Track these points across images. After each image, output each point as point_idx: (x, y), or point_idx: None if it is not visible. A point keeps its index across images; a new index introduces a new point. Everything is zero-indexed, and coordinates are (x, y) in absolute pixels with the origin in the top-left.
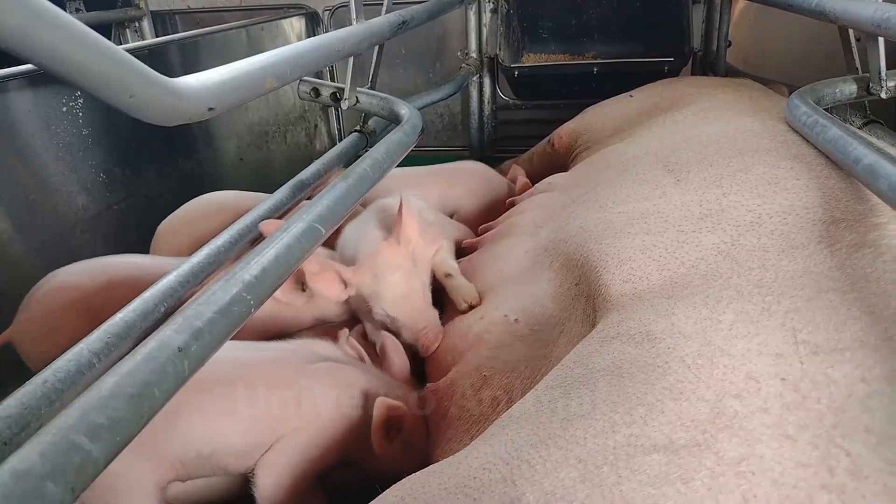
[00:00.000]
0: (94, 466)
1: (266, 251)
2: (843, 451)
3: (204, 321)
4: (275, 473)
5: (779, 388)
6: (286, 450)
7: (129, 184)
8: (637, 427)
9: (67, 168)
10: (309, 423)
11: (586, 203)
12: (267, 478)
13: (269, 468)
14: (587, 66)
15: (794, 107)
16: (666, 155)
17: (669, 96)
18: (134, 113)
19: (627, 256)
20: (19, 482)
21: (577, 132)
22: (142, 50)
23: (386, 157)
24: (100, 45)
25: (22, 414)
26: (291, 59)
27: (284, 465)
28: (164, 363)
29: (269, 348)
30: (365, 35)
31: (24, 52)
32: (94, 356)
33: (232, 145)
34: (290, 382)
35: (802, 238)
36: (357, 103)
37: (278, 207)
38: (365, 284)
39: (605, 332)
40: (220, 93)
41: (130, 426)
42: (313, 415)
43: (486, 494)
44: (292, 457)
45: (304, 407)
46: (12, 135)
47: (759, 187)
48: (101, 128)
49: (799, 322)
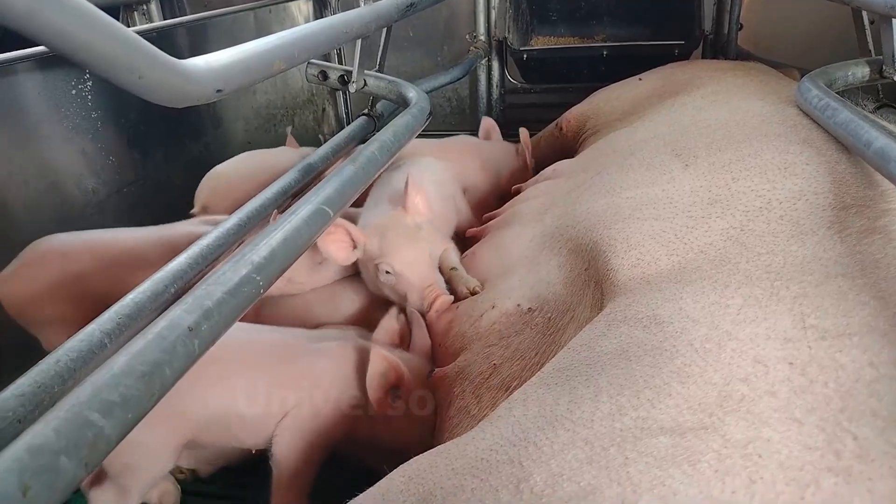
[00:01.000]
0: (107, 442)
1: (275, 233)
2: (849, 434)
3: (214, 301)
4: (286, 437)
5: (786, 373)
6: (297, 415)
7: (138, 167)
8: (644, 410)
9: (77, 151)
10: (315, 395)
11: (594, 187)
12: (280, 441)
13: (282, 432)
14: (597, 49)
15: (806, 90)
16: (674, 139)
17: (679, 80)
18: (142, 94)
19: (636, 241)
20: (35, 457)
21: (585, 116)
22: (150, 32)
23: (394, 141)
24: (108, 26)
25: (35, 392)
26: (299, 41)
27: (296, 429)
28: (174, 342)
29: (278, 330)
30: (372, 17)
31: (32, 32)
32: (105, 336)
33: (240, 129)
34: (297, 357)
35: (812, 223)
36: (365, 86)
37: (286, 190)
38: (373, 244)
39: (613, 316)
40: (227, 75)
41: (142, 403)
42: (318, 387)
43: (494, 475)
44: (304, 422)
45: (309, 380)
46: (22, 117)
47: (769, 172)
48: (111, 111)
49: (807, 307)
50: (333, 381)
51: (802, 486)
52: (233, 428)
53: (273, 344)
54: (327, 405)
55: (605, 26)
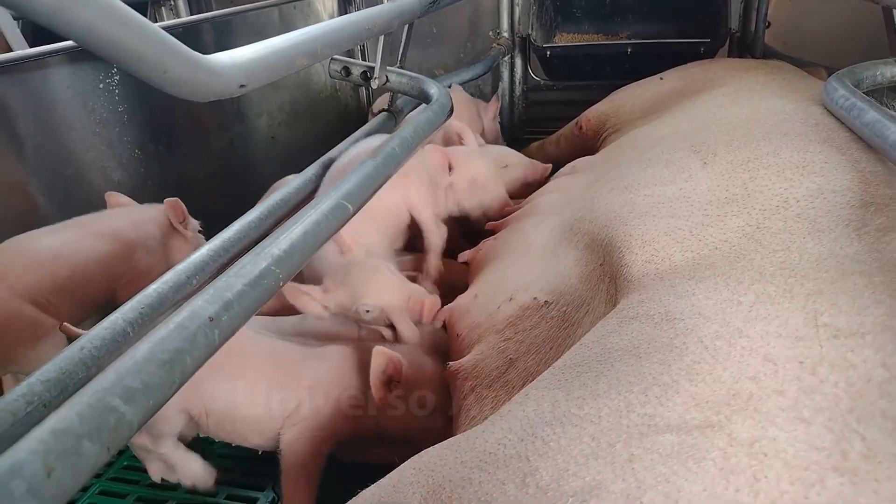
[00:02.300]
0: (128, 427)
1: (295, 227)
2: (857, 435)
3: (234, 293)
4: (291, 434)
5: (796, 371)
6: (299, 414)
7: (163, 160)
8: (651, 407)
9: (104, 143)
10: (315, 394)
11: (612, 183)
12: (285, 439)
13: (287, 430)
14: (621, 47)
15: (832, 90)
16: (694, 137)
17: (700, 78)
18: (167, 89)
19: (651, 238)
20: (59, 440)
21: (605, 115)
22: (176, 28)
23: (414, 137)
24: (135, 22)
25: (60, 378)
26: (322, 37)
27: (299, 427)
28: (195, 332)
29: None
30: (395, 13)
31: (61, 27)
32: (128, 325)
33: (263, 124)
34: (297, 360)
35: (829, 221)
36: (387, 82)
37: (307, 185)
38: (340, 296)
39: (625, 313)
40: (251, 70)
41: (163, 391)
42: (318, 387)
43: (501, 469)
44: (306, 420)
45: (309, 380)
46: (51, 110)
47: (787, 170)
48: (137, 105)
49: (821, 305)
50: (333, 380)
51: (807, 486)
52: (237, 426)
53: (274, 348)
54: (328, 403)
55: (629, 23)
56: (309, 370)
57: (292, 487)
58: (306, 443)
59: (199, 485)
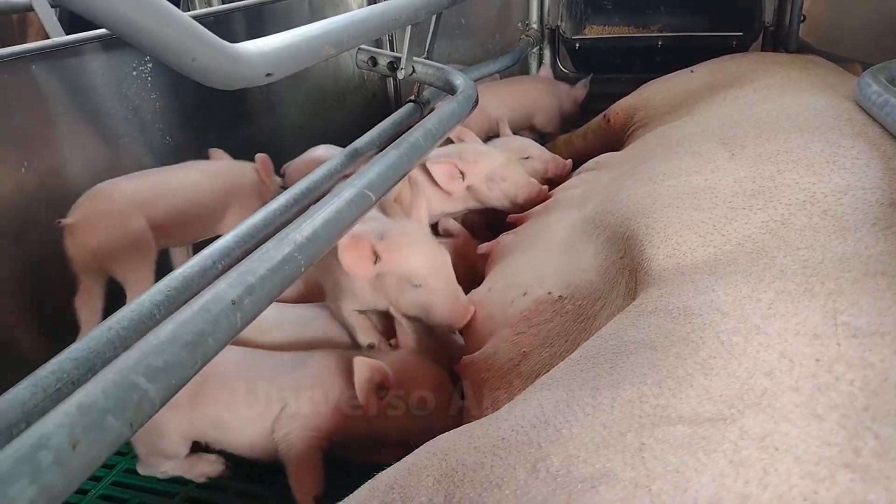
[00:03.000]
0: (151, 405)
1: (317, 214)
2: (871, 433)
3: (256, 277)
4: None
5: (812, 369)
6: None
7: (193, 147)
8: (665, 398)
9: (136, 130)
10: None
11: (636, 174)
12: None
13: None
14: (651, 40)
15: (865, 85)
16: (722, 129)
17: (732, 72)
18: (196, 76)
19: (673, 231)
20: (84, 414)
21: (633, 108)
22: (208, 17)
23: (438, 127)
24: (164, 11)
25: (88, 357)
26: (348, 27)
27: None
28: (217, 314)
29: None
30: (423, 4)
31: (93, 15)
32: (154, 307)
33: (291, 112)
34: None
35: (856, 219)
36: (413, 73)
37: (332, 175)
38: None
39: (644, 307)
40: (278, 59)
41: (185, 370)
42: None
43: (513, 454)
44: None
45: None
46: (86, 96)
47: (816, 165)
48: (168, 92)
49: (841, 304)
50: (316, 381)
51: (817, 481)
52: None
53: (257, 362)
54: (314, 403)
55: (661, 16)
56: (291, 373)
57: (297, 479)
58: (298, 440)
59: (211, 475)
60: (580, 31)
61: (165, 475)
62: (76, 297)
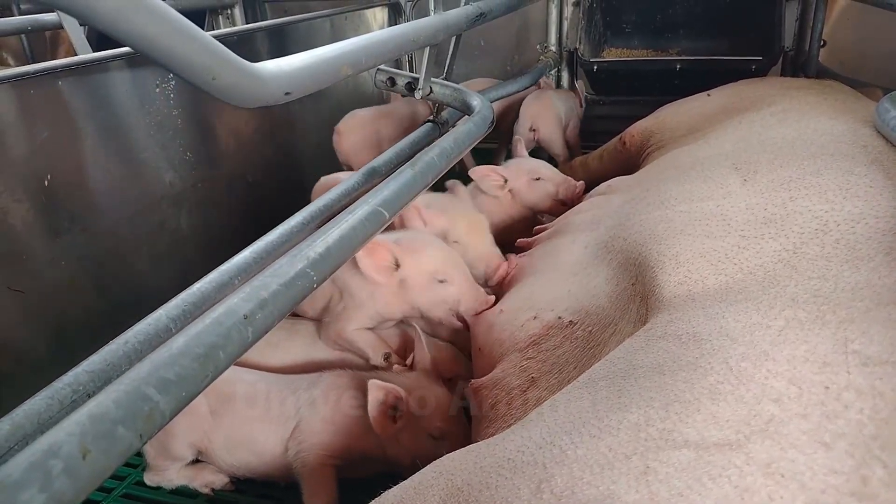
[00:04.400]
0: (161, 416)
1: (331, 231)
2: (880, 462)
3: (269, 292)
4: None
5: (821, 396)
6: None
7: (213, 163)
8: (671, 423)
9: (158, 145)
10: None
11: (648, 198)
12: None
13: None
14: (670, 63)
15: (884, 111)
16: (736, 153)
17: (748, 96)
18: (216, 94)
19: (685, 259)
20: (95, 424)
21: (649, 131)
22: (231, 36)
23: (454, 147)
24: (185, 30)
25: (104, 369)
26: (367, 48)
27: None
28: (230, 328)
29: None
30: (441, 26)
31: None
32: (171, 322)
33: (311, 131)
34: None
35: (869, 248)
36: (431, 93)
37: (349, 193)
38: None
39: (653, 331)
40: (296, 78)
41: (196, 383)
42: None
43: (518, 474)
44: (311, 435)
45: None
46: (111, 112)
47: (829, 192)
48: (190, 109)
49: (852, 332)
50: (328, 401)
51: None
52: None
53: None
54: (325, 422)
55: (680, 39)
56: (306, 392)
57: (310, 496)
58: (312, 456)
59: (216, 486)
60: (598, 54)
61: (171, 484)
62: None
